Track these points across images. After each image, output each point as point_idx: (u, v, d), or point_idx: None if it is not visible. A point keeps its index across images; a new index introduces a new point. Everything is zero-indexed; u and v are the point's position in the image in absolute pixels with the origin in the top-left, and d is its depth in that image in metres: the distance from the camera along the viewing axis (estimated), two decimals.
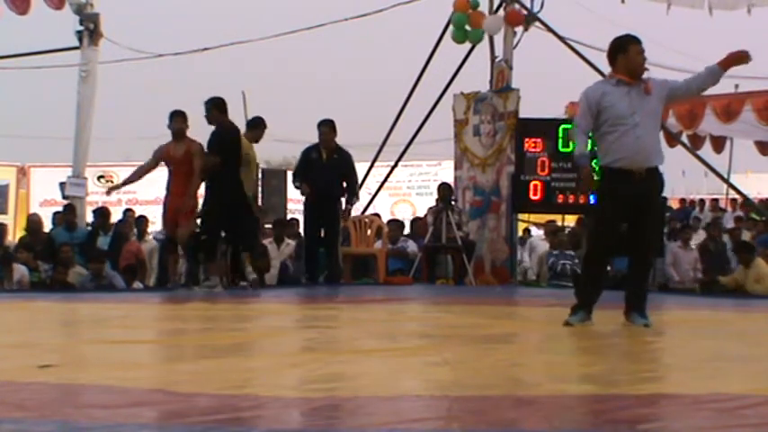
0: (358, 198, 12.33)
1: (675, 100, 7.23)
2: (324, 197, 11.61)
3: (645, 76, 6.78)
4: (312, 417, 3.50)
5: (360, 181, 15.49)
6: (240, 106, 30.10)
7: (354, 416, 3.55)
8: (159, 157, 10.75)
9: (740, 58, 6.71)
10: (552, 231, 14.25)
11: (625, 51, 6.71)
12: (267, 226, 13.75)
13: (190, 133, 10.65)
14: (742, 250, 12.51)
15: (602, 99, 6.67)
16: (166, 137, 10.91)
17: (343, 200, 11.78)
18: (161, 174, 11.08)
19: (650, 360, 5.56)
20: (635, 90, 6.66)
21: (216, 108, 10.57)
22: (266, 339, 6.14)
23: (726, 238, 15.40)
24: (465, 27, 13.50)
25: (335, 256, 11.84)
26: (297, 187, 11.82)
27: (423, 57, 14.44)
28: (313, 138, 11.95)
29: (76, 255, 12.22)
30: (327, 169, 11.64)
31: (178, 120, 10.59)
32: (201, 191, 10.89)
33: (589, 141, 6.77)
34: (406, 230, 14.16)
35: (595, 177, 6.83)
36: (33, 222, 13.97)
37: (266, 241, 12.92)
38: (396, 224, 14.00)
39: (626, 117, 6.58)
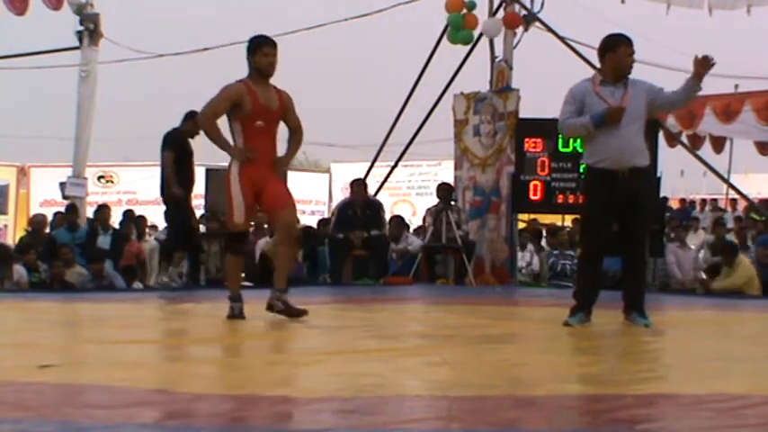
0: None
1: (656, 111, 7.20)
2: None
3: (632, 78, 6.79)
4: (312, 417, 3.50)
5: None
6: None
7: (354, 416, 3.55)
8: (236, 99, 6.78)
9: (703, 63, 6.57)
10: (552, 231, 14.26)
11: (614, 50, 6.74)
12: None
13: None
14: (725, 252, 12.30)
15: (586, 96, 6.72)
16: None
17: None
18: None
19: (650, 360, 5.56)
20: (619, 91, 6.67)
21: None
22: (266, 339, 6.14)
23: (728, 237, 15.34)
24: (460, 27, 13.49)
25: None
26: (342, 238, 12.46)
27: (423, 57, 14.46)
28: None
29: (78, 255, 12.22)
30: (362, 224, 12.47)
31: (273, 50, 6.93)
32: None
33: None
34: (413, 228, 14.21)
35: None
36: (37, 222, 13.98)
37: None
38: (397, 221, 13.86)
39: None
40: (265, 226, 12.80)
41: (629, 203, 6.66)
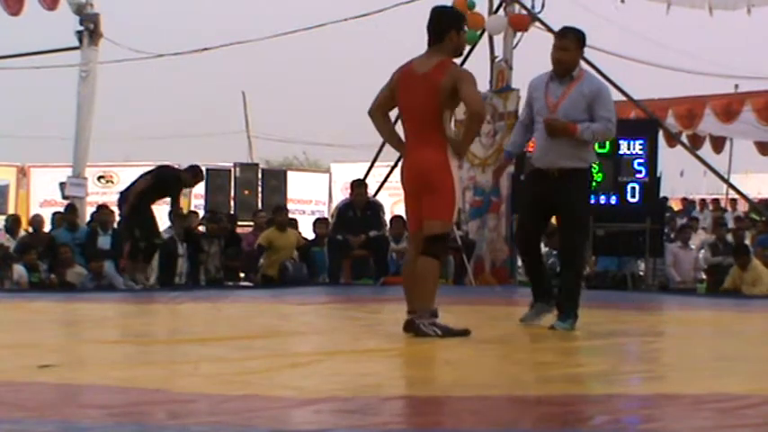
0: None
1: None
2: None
3: (588, 75, 6.64)
4: (312, 417, 3.50)
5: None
6: (240, 106, 30.20)
7: (354, 416, 3.55)
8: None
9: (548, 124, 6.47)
10: (551, 232, 14.24)
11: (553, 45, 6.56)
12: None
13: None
14: (739, 253, 12.47)
15: (533, 92, 6.61)
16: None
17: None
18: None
19: (650, 360, 5.56)
20: (563, 88, 6.46)
21: None
22: (266, 339, 6.13)
23: (729, 237, 15.34)
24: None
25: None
26: (341, 240, 12.51)
27: None
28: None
29: (77, 255, 12.22)
30: (362, 225, 12.57)
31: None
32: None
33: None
34: None
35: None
36: (36, 222, 13.97)
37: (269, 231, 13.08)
38: (399, 221, 13.79)
39: (542, 114, 6.47)
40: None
41: (554, 204, 6.52)
